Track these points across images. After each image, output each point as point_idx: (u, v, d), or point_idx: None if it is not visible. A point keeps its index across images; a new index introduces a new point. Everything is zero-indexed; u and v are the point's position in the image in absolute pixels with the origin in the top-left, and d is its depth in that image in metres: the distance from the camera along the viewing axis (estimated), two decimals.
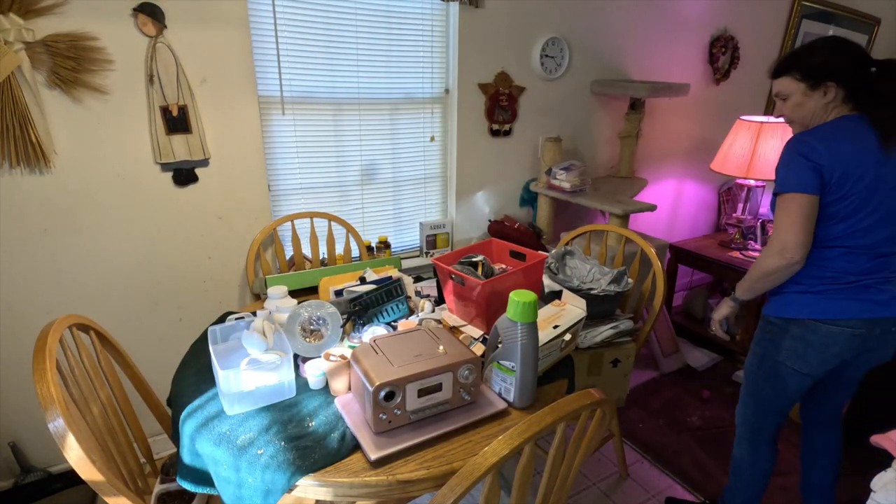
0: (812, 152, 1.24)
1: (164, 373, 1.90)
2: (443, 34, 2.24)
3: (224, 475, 0.99)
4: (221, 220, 1.91)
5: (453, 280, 1.44)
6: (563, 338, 1.31)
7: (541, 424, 0.80)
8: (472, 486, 0.76)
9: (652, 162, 3.14)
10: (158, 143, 1.71)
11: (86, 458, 0.90)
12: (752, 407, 1.51)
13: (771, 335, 1.42)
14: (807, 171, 1.24)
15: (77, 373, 1.10)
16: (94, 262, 1.72)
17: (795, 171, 1.26)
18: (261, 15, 1.82)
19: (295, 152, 2.05)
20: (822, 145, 1.24)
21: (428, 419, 1.09)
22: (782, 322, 1.38)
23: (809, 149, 1.25)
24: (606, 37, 2.64)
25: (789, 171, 1.27)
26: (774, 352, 1.41)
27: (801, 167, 1.25)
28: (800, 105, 1.34)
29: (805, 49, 1.33)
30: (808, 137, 1.27)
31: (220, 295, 1.99)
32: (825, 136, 1.26)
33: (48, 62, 1.49)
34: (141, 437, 1.30)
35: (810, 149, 1.25)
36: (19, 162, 1.52)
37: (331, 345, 1.30)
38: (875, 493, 0.69)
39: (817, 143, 1.25)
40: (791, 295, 1.36)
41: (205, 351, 1.34)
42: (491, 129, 2.42)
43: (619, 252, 2.01)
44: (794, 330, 1.36)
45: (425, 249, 2.44)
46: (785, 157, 1.30)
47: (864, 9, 3.83)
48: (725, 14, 3.09)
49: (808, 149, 1.25)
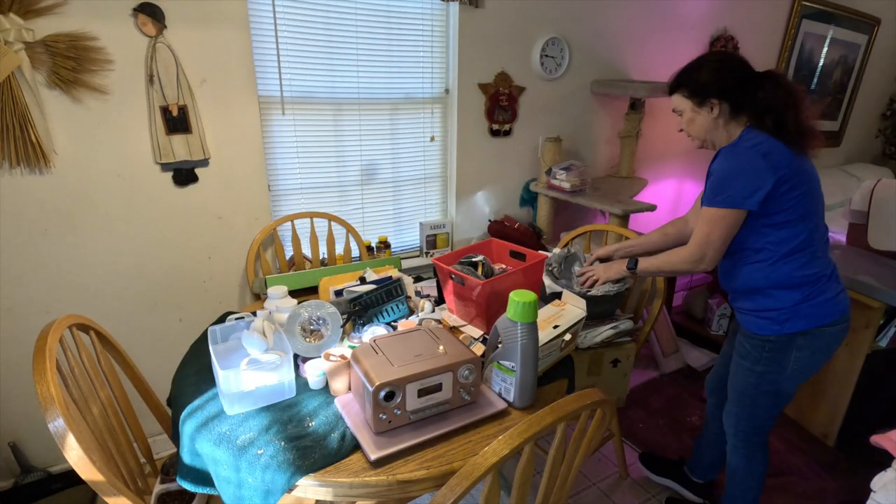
0: (762, 167, 1.24)
1: (164, 373, 1.90)
2: (443, 34, 2.24)
3: (224, 475, 0.99)
4: (221, 220, 1.91)
5: (453, 280, 1.44)
6: (563, 338, 1.31)
7: (541, 424, 0.80)
8: (472, 486, 0.76)
9: (652, 162, 3.14)
10: (158, 143, 1.71)
11: (86, 458, 0.90)
12: (747, 420, 1.48)
13: (772, 353, 1.37)
14: (753, 187, 1.25)
15: (77, 373, 1.10)
16: (94, 262, 1.72)
17: (740, 188, 1.26)
18: (261, 15, 1.82)
19: (295, 152, 2.05)
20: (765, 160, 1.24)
21: (428, 419, 1.09)
22: (786, 338, 1.35)
23: (758, 164, 1.25)
24: (606, 37, 2.64)
25: (734, 187, 1.26)
26: (779, 368, 1.38)
27: (747, 184, 1.25)
28: (691, 121, 1.38)
29: (692, 67, 1.37)
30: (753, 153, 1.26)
31: (220, 295, 1.99)
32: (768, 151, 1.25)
33: (48, 62, 1.49)
34: (141, 437, 1.30)
35: (759, 164, 1.25)
36: (19, 162, 1.52)
37: (331, 345, 1.30)
38: (875, 493, 0.69)
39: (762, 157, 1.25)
40: (788, 310, 1.33)
41: (205, 351, 1.34)
42: (491, 129, 2.42)
43: None
44: (800, 341, 1.34)
45: (425, 249, 2.44)
46: (729, 171, 1.28)
47: (864, 9, 3.83)
48: (725, 14, 3.09)
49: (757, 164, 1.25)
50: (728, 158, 1.29)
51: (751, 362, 1.41)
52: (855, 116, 4.40)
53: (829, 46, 3.80)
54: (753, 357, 1.40)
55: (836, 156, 4.49)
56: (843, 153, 4.54)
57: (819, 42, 3.73)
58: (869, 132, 4.70)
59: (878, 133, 4.77)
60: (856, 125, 4.47)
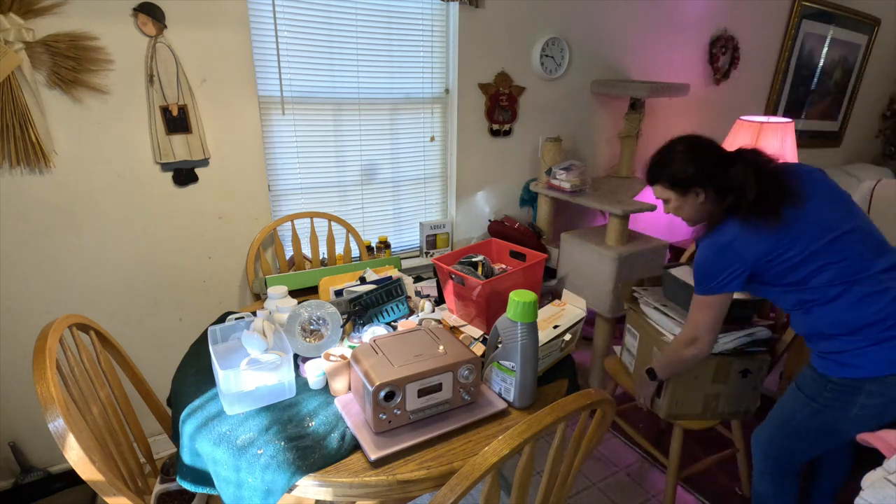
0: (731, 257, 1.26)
1: (164, 373, 1.90)
2: (443, 34, 2.24)
3: (224, 475, 0.99)
4: (221, 220, 1.91)
5: (453, 280, 1.44)
6: (563, 338, 1.32)
7: (541, 424, 0.80)
8: (472, 486, 0.76)
9: None
10: (158, 142, 1.71)
11: (86, 457, 0.90)
12: (787, 448, 1.38)
13: (836, 394, 1.25)
14: (730, 274, 1.27)
15: (77, 373, 1.10)
16: (94, 261, 1.72)
17: (718, 276, 1.28)
18: (261, 15, 1.82)
19: (295, 152, 2.05)
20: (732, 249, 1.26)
21: (428, 419, 1.09)
22: (855, 382, 1.21)
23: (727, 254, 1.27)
24: (606, 37, 2.64)
25: (712, 276, 1.29)
26: (841, 411, 1.25)
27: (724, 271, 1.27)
28: (679, 208, 1.39)
29: (664, 160, 1.37)
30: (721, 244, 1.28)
31: (220, 295, 1.99)
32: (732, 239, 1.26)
33: (48, 62, 1.49)
34: (141, 437, 1.30)
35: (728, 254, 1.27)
36: (19, 162, 1.52)
37: (331, 345, 1.30)
38: (864, 490, 0.70)
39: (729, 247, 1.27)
40: (857, 352, 1.20)
41: (205, 351, 1.34)
42: (491, 129, 2.42)
43: None
44: (872, 387, 1.20)
45: (425, 249, 2.44)
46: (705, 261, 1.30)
47: (864, 9, 3.83)
48: (725, 14, 3.09)
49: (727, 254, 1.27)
50: (702, 250, 1.32)
51: (809, 395, 1.30)
52: (855, 116, 4.40)
53: (829, 46, 3.80)
54: (812, 392, 1.30)
55: (836, 156, 4.49)
56: (843, 153, 4.54)
57: (819, 42, 3.73)
58: (869, 132, 4.70)
59: (878, 133, 4.77)
60: (856, 125, 4.47)
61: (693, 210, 1.37)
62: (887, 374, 1.17)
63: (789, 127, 2.54)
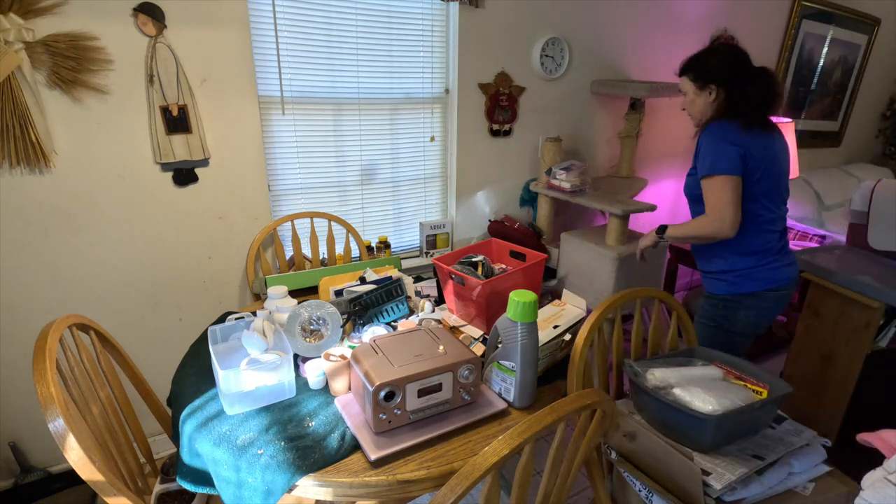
0: (737, 139, 1.43)
1: (164, 373, 1.90)
2: (443, 34, 2.24)
3: (224, 475, 0.99)
4: (221, 220, 1.91)
5: (453, 280, 1.44)
6: (563, 338, 1.32)
7: (541, 424, 0.80)
8: (472, 486, 0.76)
9: (652, 162, 3.14)
10: (158, 142, 1.71)
11: (86, 458, 0.90)
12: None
13: (724, 311, 1.59)
14: (735, 155, 1.42)
15: (77, 373, 1.10)
16: (94, 261, 1.72)
17: (725, 156, 1.43)
18: (261, 15, 1.82)
19: (295, 152, 2.05)
20: (742, 133, 1.43)
21: (428, 419, 1.09)
22: (737, 297, 1.56)
23: (735, 137, 1.43)
24: (606, 37, 2.64)
25: (718, 156, 1.44)
26: (729, 324, 1.59)
27: (728, 152, 1.43)
28: (692, 102, 1.57)
29: (702, 53, 1.55)
30: (730, 127, 1.45)
31: (220, 295, 1.99)
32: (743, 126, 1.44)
33: (48, 62, 1.49)
34: (141, 437, 1.29)
35: (735, 137, 1.43)
36: (19, 162, 1.52)
37: (331, 345, 1.30)
38: (864, 490, 0.70)
39: (739, 131, 1.44)
40: (740, 273, 1.54)
41: (205, 351, 1.34)
42: (491, 129, 2.42)
43: None
44: (748, 302, 1.55)
45: (425, 249, 2.44)
46: (712, 144, 1.46)
47: (864, 9, 3.83)
48: (725, 14, 3.09)
49: (734, 137, 1.43)
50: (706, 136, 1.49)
51: (705, 317, 1.64)
52: (855, 116, 4.40)
53: (829, 46, 3.80)
54: (708, 313, 1.63)
55: (836, 156, 4.49)
56: (843, 153, 4.54)
57: (819, 42, 3.73)
58: (869, 132, 4.70)
59: (878, 133, 4.77)
60: (856, 125, 4.47)
61: (703, 106, 1.54)
62: (761, 290, 1.53)
63: (789, 127, 2.55)
